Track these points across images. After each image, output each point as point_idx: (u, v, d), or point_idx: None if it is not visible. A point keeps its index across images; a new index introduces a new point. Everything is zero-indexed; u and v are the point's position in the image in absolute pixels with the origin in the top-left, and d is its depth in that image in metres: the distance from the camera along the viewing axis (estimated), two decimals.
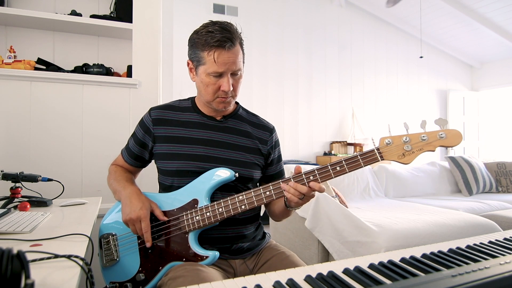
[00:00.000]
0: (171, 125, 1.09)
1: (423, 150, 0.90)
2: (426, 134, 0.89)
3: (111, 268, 1.05)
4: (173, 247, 1.00)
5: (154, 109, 1.12)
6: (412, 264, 0.63)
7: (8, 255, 0.41)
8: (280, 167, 1.22)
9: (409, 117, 6.15)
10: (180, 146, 1.06)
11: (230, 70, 1.00)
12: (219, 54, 0.97)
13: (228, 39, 0.97)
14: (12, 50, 1.73)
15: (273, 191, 0.96)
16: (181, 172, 1.05)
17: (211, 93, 1.02)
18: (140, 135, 1.13)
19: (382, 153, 0.92)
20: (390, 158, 0.91)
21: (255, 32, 4.89)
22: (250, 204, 0.97)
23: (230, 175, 1.01)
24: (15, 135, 1.69)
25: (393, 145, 0.91)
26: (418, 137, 0.90)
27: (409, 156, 0.90)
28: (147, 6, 1.92)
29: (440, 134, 0.88)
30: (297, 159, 5.10)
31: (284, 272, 0.62)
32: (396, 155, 0.91)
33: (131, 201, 1.01)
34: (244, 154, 1.09)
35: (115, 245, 1.05)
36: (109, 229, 1.08)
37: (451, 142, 0.87)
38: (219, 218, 0.97)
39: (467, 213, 2.36)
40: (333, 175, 0.94)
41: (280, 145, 1.22)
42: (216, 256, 0.97)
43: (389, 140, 0.92)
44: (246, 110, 1.21)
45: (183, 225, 0.99)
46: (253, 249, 1.10)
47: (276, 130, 1.23)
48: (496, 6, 4.86)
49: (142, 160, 1.17)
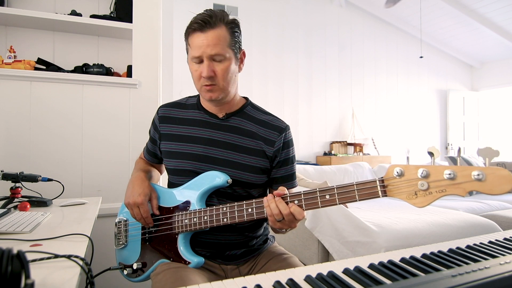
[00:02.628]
0: (175, 123, 1.08)
1: (446, 193, 0.63)
2: (454, 170, 0.62)
3: (121, 250, 1.12)
4: (165, 245, 1.01)
5: (162, 107, 1.13)
6: (412, 264, 0.63)
7: (8, 255, 0.41)
8: (286, 171, 1.06)
9: (409, 117, 6.15)
10: (181, 144, 1.05)
11: (206, 53, 0.92)
12: (195, 37, 0.93)
13: (205, 22, 0.91)
14: (12, 50, 1.73)
15: (255, 209, 0.87)
16: (179, 171, 1.04)
17: (196, 80, 0.98)
18: (151, 133, 1.15)
19: (387, 187, 0.70)
20: (396, 196, 0.69)
21: (255, 32, 4.89)
22: (232, 219, 0.90)
23: (222, 181, 0.95)
24: (15, 135, 1.69)
25: (404, 178, 0.68)
26: (442, 173, 0.63)
27: (424, 198, 0.65)
28: (147, 6, 1.92)
29: (476, 175, 0.59)
30: (297, 159, 5.10)
31: (284, 272, 0.62)
32: (406, 193, 0.67)
33: (133, 186, 1.03)
34: (244, 156, 1.01)
35: (125, 230, 1.11)
36: (124, 214, 1.13)
37: (491, 188, 0.58)
38: (204, 226, 0.93)
39: (467, 213, 2.36)
40: (320, 204, 0.79)
41: (293, 146, 1.09)
42: (200, 262, 0.95)
43: (400, 170, 0.68)
44: (256, 106, 1.11)
45: (174, 225, 0.99)
46: (248, 255, 1.06)
47: None
48: (496, 6, 4.86)
49: (157, 156, 1.17)
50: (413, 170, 0.66)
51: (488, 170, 0.59)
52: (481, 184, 0.59)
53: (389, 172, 0.70)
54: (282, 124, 1.08)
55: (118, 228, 1.13)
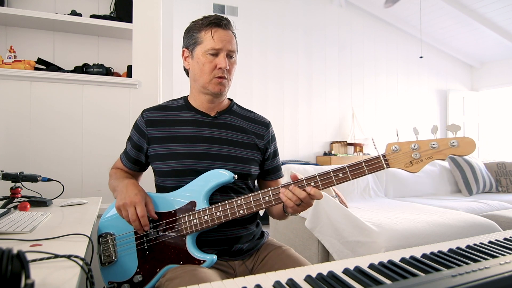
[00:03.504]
0: (164, 125, 1.08)
1: (433, 159, 0.83)
2: (436, 142, 0.83)
3: (109, 268, 1.03)
4: (171, 250, 0.98)
5: (147, 111, 1.11)
6: (412, 264, 0.63)
7: (8, 255, 0.41)
8: (276, 162, 1.19)
9: (409, 117, 6.15)
10: (176, 145, 1.05)
11: (226, 48, 1.02)
12: (216, 31, 1.02)
13: (224, 19, 1.04)
14: (12, 50, 1.73)
15: (273, 196, 0.93)
16: (179, 172, 1.03)
17: (208, 72, 1.03)
18: (135, 138, 1.11)
19: (389, 160, 0.86)
20: (397, 166, 0.86)
21: (255, 32, 4.89)
22: (249, 210, 0.94)
23: (228, 178, 0.98)
24: (15, 135, 1.69)
25: (401, 152, 0.85)
26: (428, 145, 0.83)
27: (417, 165, 0.84)
28: (147, 6, 1.92)
29: (452, 142, 0.81)
30: (297, 159, 5.10)
31: (284, 272, 0.62)
32: (403, 163, 0.85)
33: (127, 188, 1.00)
34: (241, 149, 1.07)
35: (113, 245, 1.03)
36: (107, 228, 1.06)
37: (463, 151, 0.80)
38: (217, 222, 0.95)
39: (467, 213, 2.36)
40: (335, 182, 0.89)
41: (276, 140, 1.20)
42: (214, 260, 0.95)
43: (396, 147, 0.86)
44: (240, 106, 1.20)
45: (180, 227, 0.97)
46: (252, 249, 1.09)
47: (275, 130, 1.23)
48: (496, 6, 4.87)
49: (140, 163, 1.15)
50: (406, 145, 0.86)
51: (460, 139, 0.82)
52: (456, 149, 0.81)
53: (388, 149, 0.87)
54: (266, 120, 1.19)
55: (103, 244, 1.05)
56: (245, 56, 4.74)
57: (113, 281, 1.02)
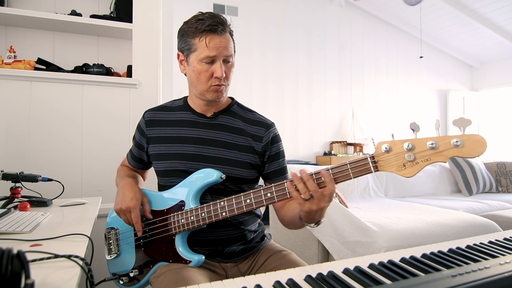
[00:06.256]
0: (162, 125, 1.09)
1: (431, 161, 0.69)
2: (435, 140, 0.68)
3: (114, 260, 1.09)
4: (162, 248, 1.00)
5: (148, 111, 1.14)
6: (412, 264, 0.63)
7: (8, 255, 0.41)
8: (278, 165, 1.09)
9: (409, 117, 6.15)
10: (170, 145, 1.06)
11: (222, 55, 0.97)
12: (211, 38, 0.95)
13: (219, 23, 0.96)
14: (12, 50, 1.73)
15: (254, 199, 0.86)
16: (170, 172, 1.04)
17: (204, 81, 0.99)
18: (137, 138, 1.15)
19: (377, 162, 0.74)
20: (387, 169, 0.73)
21: (255, 32, 4.89)
22: (230, 212, 0.90)
23: (216, 177, 0.96)
24: (15, 135, 1.69)
25: (392, 153, 0.72)
26: (425, 144, 0.69)
27: (411, 168, 0.70)
28: (147, 6, 1.92)
29: (455, 141, 0.65)
30: (297, 159, 5.10)
31: (284, 272, 0.62)
32: (395, 166, 0.72)
33: (124, 191, 1.02)
34: (235, 152, 1.03)
35: (116, 239, 1.09)
36: (113, 223, 1.11)
37: (469, 151, 0.64)
38: (201, 224, 0.93)
39: (467, 213, 2.36)
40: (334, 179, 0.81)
41: (281, 141, 1.12)
42: (201, 260, 0.95)
43: (387, 146, 0.72)
44: (241, 106, 1.15)
45: (170, 226, 0.98)
46: (247, 252, 1.07)
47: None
48: (496, 6, 4.86)
49: (143, 162, 1.18)
50: (399, 144, 0.72)
51: (465, 137, 0.65)
52: (460, 149, 0.66)
53: (378, 149, 0.74)
54: (268, 121, 1.12)
55: (108, 239, 1.10)
56: (245, 56, 4.74)
57: (115, 273, 1.09)
